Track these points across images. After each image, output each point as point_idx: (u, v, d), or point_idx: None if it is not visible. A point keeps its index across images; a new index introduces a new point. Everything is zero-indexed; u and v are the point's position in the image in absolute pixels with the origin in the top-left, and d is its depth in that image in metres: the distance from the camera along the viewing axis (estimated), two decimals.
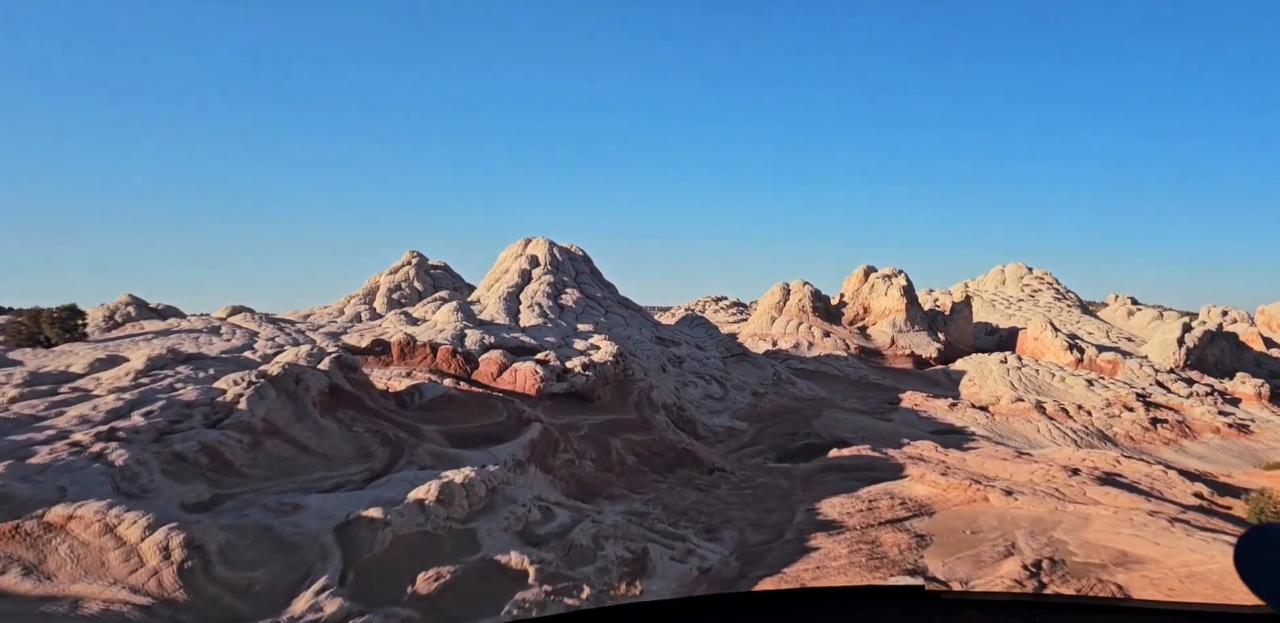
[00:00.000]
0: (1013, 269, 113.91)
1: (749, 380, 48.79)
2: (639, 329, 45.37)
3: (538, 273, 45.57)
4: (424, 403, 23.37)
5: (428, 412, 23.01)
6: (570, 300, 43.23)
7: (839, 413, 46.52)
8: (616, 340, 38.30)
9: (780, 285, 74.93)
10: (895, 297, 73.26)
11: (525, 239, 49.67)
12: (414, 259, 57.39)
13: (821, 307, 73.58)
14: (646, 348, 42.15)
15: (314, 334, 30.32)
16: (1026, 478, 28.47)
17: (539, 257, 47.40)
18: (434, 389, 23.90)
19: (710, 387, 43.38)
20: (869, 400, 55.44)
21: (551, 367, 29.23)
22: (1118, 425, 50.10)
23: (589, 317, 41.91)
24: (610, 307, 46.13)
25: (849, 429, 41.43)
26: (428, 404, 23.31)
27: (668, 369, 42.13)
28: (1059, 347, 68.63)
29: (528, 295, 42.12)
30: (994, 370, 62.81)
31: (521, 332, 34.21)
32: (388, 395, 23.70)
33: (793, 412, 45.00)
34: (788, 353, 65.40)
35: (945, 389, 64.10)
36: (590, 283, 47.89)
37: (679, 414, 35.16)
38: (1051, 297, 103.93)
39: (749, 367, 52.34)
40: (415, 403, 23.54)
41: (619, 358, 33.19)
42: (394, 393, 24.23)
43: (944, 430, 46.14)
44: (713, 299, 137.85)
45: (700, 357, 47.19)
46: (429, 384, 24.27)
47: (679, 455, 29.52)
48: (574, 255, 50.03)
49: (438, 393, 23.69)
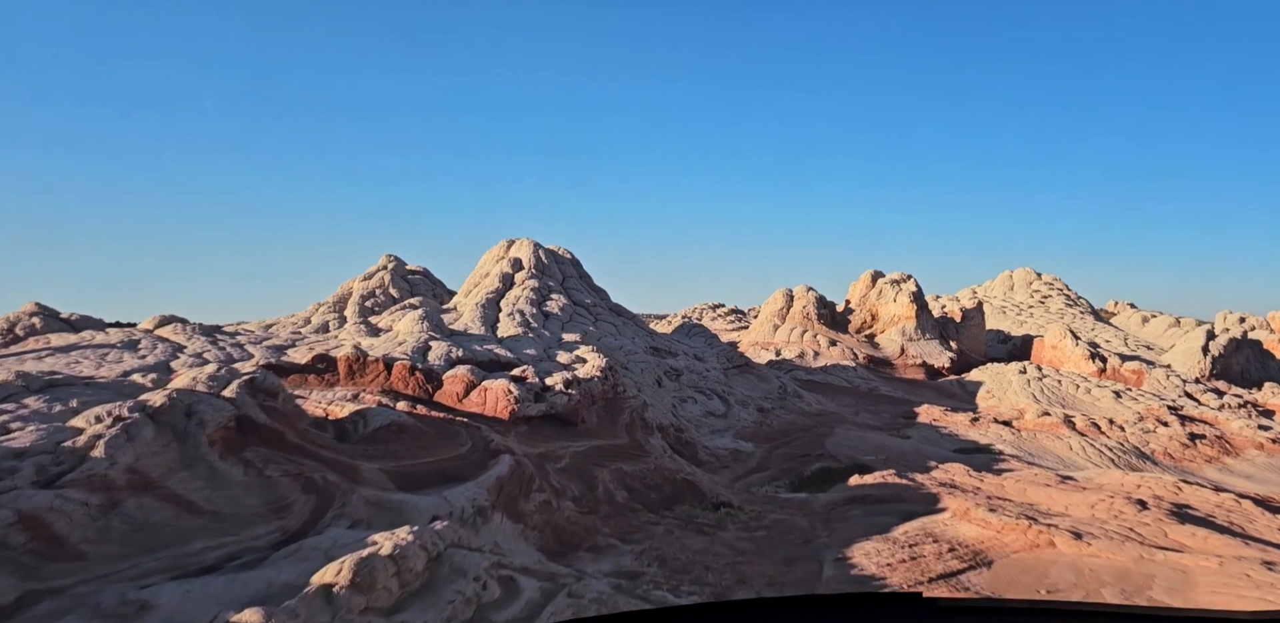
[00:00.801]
0: (1021, 275, 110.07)
1: (753, 395, 44.62)
2: (632, 339, 41.21)
3: (521, 277, 41.42)
4: (368, 434, 19.14)
5: (372, 445, 18.77)
6: (556, 307, 39.07)
7: (852, 430, 42.34)
8: (606, 352, 34.14)
9: (783, 291, 70.86)
10: (904, 303, 69.23)
11: (508, 241, 45.52)
12: (390, 263, 53.22)
13: (827, 314, 69.49)
14: (640, 360, 37.97)
15: (255, 348, 26.10)
16: (1087, 512, 24.30)
17: (523, 260, 43.25)
18: (382, 416, 19.67)
19: (711, 402, 39.20)
20: (882, 415, 51.32)
21: (529, 385, 25.04)
22: (1154, 442, 46.09)
23: (576, 326, 37.73)
24: (600, 314, 41.97)
25: (866, 450, 37.27)
26: (373, 435, 19.08)
27: (664, 383, 37.96)
28: (1080, 356, 64.58)
29: (508, 302, 37.96)
30: (1013, 381, 58.78)
31: (498, 343, 30.02)
32: (325, 425, 19.46)
33: (802, 430, 40.81)
34: (792, 363, 61.25)
35: (961, 402, 60.01)
36: (579, 288, 43.73)
37: (677, 436, 30.94)
38: (1063, 303, 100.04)
39: (752, 379, 48.17)
40: (358, 434, 19.31)
41: (608, 373, 29.02)
42: (335, 420, 19.99)
43: (968, 449, 42.02)
44: (710, 306, 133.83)
45: (700, 369, 43.01)
46: (376, 410, 20.03)
47: (678, 488, 25.31)
48: (561, 259, 45.88)
49: (386, 420, 19.46)
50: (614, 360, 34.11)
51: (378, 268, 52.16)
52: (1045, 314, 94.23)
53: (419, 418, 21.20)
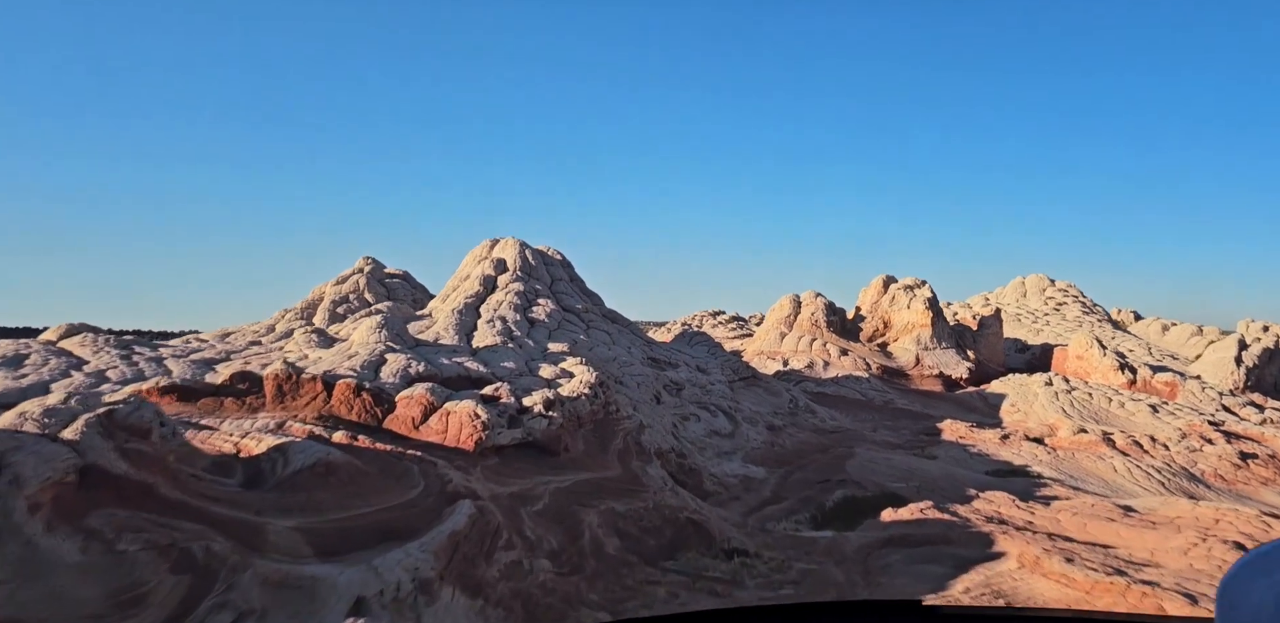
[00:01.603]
0: (1034, 281, 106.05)
1: (762, 410, 40.40)
2: (628, 349, 36.99)
3: (504, 280, 37.23)
4: (287, 477, 14.90)
5: (290, 493, 14.52)
6: (543, 314, 34.88)
7: (873, 451, 38.12)
8: (598, 364, 29.93)
9: (790, 297, 66.71)
10: (919, 310, 65.09)
11: (491, 240, 41.35)
12: (367, 266, 49.00)
13: (836, 321, 65.33)
14: (637, 373, 33.74)
15: (178, 363, 21.89)
16: (1182, 562, 20.03)
17: (507, 261, 39.08)
18: (308, 452, 15.44)
19: (716, 420, 34.96)
20: (902, 431, 47.12)
21: (502, 406, 20.81)
22: (1203, 462, 41.95)
23: (565, 334, 33.52)
24: (593, 321, 37.77)
25: (892, 474, 33.04)
26: (293, 479, 14.84)
27: (663, 399, 33.72)
28: (1109, 366, 60.39)
29: (489, 308, 33.76)
30: (1040, 394, 54.64)
31: (471, 355, 25.81)
32: (232, 466, 15.23)
33: (818, 450, 36.56)
34: (801, 374, 57.05)
35: (983, 415, 55.81)
36: (569, 292, 39.55)
37: (679, 463, 26.70)
38: (1079, 310, 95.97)
39: (760, 393, 43.94)
40: (275, 478, 15.06)
41: (598, 389, 24.80)
42: (247, 459, 15.76)
43: (1002, 471, 37.82)
44: (710, 314, 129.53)
45: (703, 382, 38.78)
46: (302, 444, 15.80)
47: (681, 530, 21.05)
48: (550, 260, 41.71)
49: (312, 458, 15.24)
50: (606, 374, 29.94)
51: (352, 271, 47.94)
52: (1063, 322, 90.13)
53: (359, 452, 16.95)
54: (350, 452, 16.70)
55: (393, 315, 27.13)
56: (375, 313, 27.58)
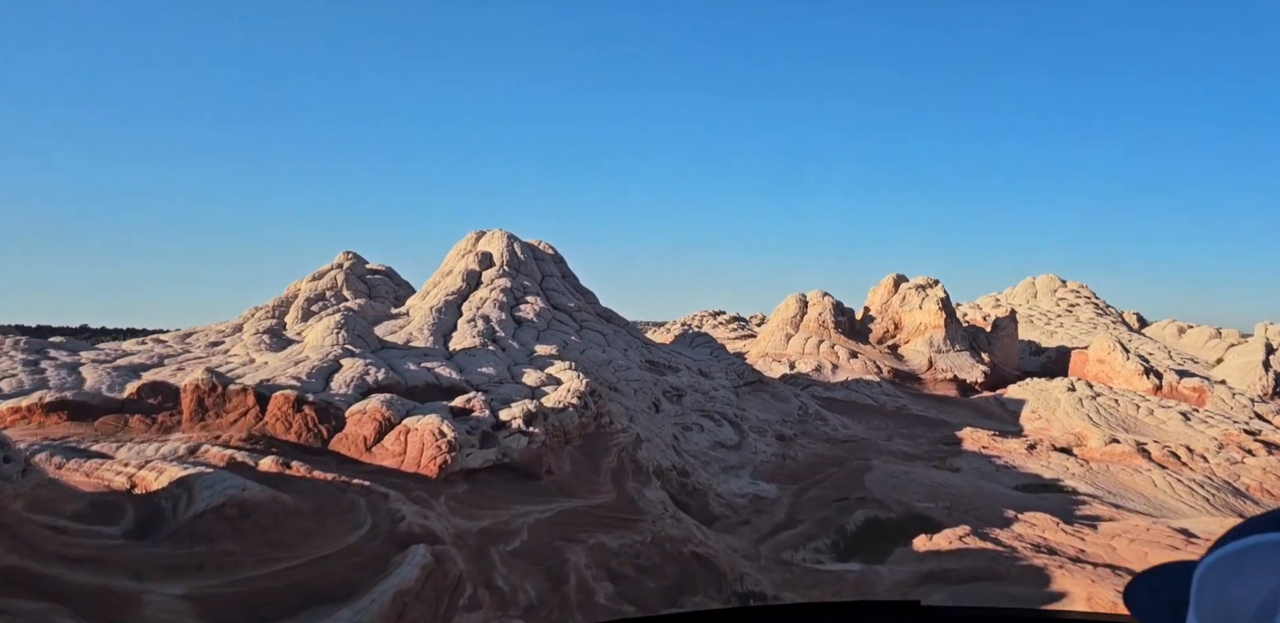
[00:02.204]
0: (1044, 281, 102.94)
1: (769, 418, 37.25)
2: (624, 351, 33.81)
3: (490, 276, 34.06)
4: (187, 523, 11.72)
5: (187, 544, 11.35)
6: (531, 312, 31.71)
7: (892, 464, 35.00)
8: (590, 369, 26.78)
9: (795, 297, 63.55)
10: (932, 311, 61.95)
11: (477, 232, 38.18)
12: (347, 261, 45.79)
13: (845, 322, 62.17)
14: (634, 378, 30.56)
15: (95, 371, 18.71)
16: None
17: (494, 255, 35.91)
18: (216, 488, 12.27)
19: (721, 430, 31.78)
20: (919, 440, 44.03)
21: (474, 421, 17.64)
22: (1246, 475, 38.91)
23: (555, 335, 30.34)
24: (586, 321, 34.59)
25: (917, 490, 29.90)
26: (194, 525, 11.67)
27: (663, 407, 30.54)
28: (1133, 371, 57.27)
29: (471, 306, 30.60)
30: (1062, 400, 51.57)
31: (445, 360, 22.64)
32: (119, 508, 12.08)
33: (833, 463, 33.41)
34: (809, 377, 53.89)
35: (1001, 422, 52.71)
36: (561, 289, 36.38)
37: (680, 483, 23.54)
38: (1092, 312, 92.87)
39: (767, 399, 40.78)
40: (174, 523, 11.90)
41: (588, 399, 21.63)
42: (144, 496, 12.59)
43: (1033, 485, 34.72)
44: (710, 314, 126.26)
45: (706, 387, 35.59)
46: (212, 476, 12.62)
47: (685, 568, 17.88)
48: (541, 254, 38.52)
49: (222, 496, 12.06)
50: (599, 380, 26.79)
51: (330, 267, 44.72)
52: (1076, 324, 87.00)
53: (292, 484, 13.76)
54: (279, 484, 13.52)
55: (357, 314, 23.94)
56: (339, 311, 24.40)
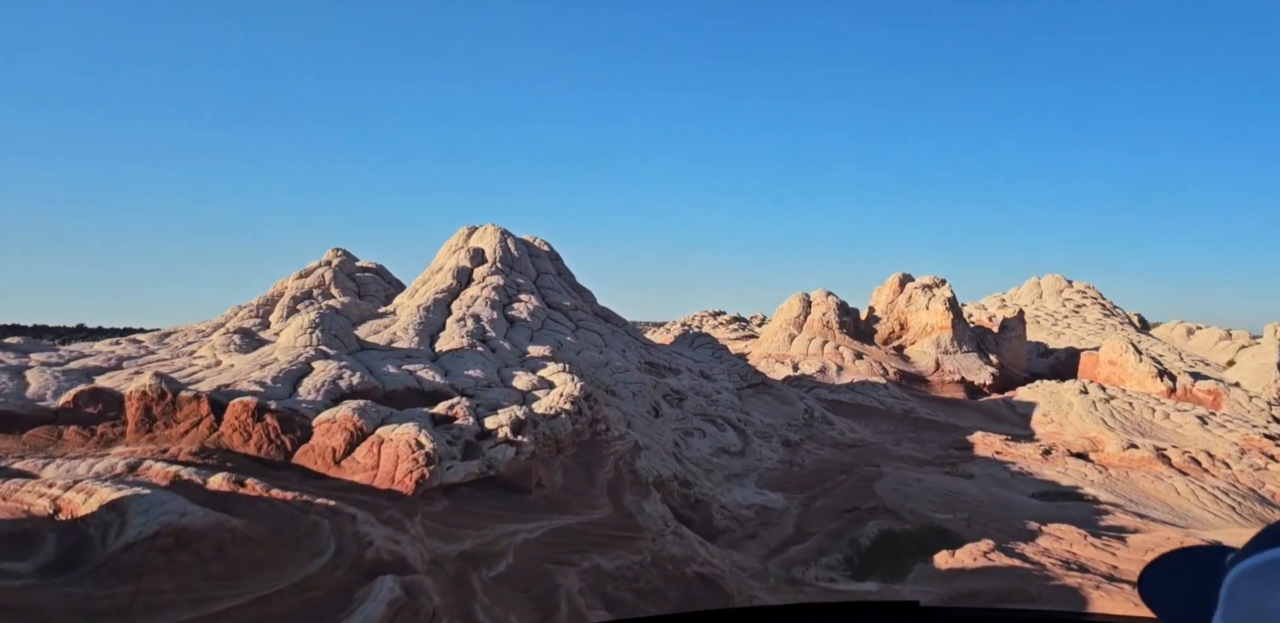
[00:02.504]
0: (1050, 281, 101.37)
1: (774, 422, 35.71)
2: (622, 352, 32.29)
3: (481, 273, 32.52)
4: (114, 555, 10.19)
5: (112, 582, 9.81)
6: (524, 311, 30.18)
7: (903, 470, 33.44)
8: (586, 371, 25.27)
9: (799, 296, 62.01)
10: (939, 311, 60.41)
11: (469, 227, 36.62)
12: (336, 258, 44.25)
13: (850, 322, 60.63)
14: (633, 381, 29.04)
15: (41, 374, 17.13)
16: None
17: (486, 251, 34.36)
18: (151, 513, 10.75)
19: (724, 435, 30.26)
20: (928, 445, 42.49)
21: (456, 430, 16.11)
22: (1271, 482, 37.37)
23: (549, 335, 28.81)
24: (583, 320, 33.05)
25: (930, 499, 28.35)
26: (121, 558, 10.13)
27: (663, 411, 29.02)
28: (1146, 373, 55.71)
29: (461, 305, 29.07)
30: (1075, 404, 50.06)
31: (429, 362, 21.11)
32: (34, 539, 10.57)
33: (841, 469, 31.85)
34: (813, 379, 52.34)
35: (1012, 426, 51.17)
36: (556, 287, 34.83)
37: (683, 494, 22.02)
38: (1099, 313, 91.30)
39: (772, 402, 39.25)
40: (102, 554, 10.35)
41: (583, 404, 20.10)
42: (70, 523, 11.06)
43: (1051, 493, 33.15)
44: (710, 314, 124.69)
45: (708, 390, 34.06)
46: (148, 498, 11.11)
47: (689, 591, 16.34)
48: (536, 251, 36.98)
49: (155, 523, 10.53)
50: (596, 382, 25.26)
51: (318, 264, 43.18)
52: (1084, 325, 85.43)
53: (246, 505, 12.23)
54: (230, 505, 11.97)
55: (339, 312, 22.42)
56: (315, 308, 22.86)
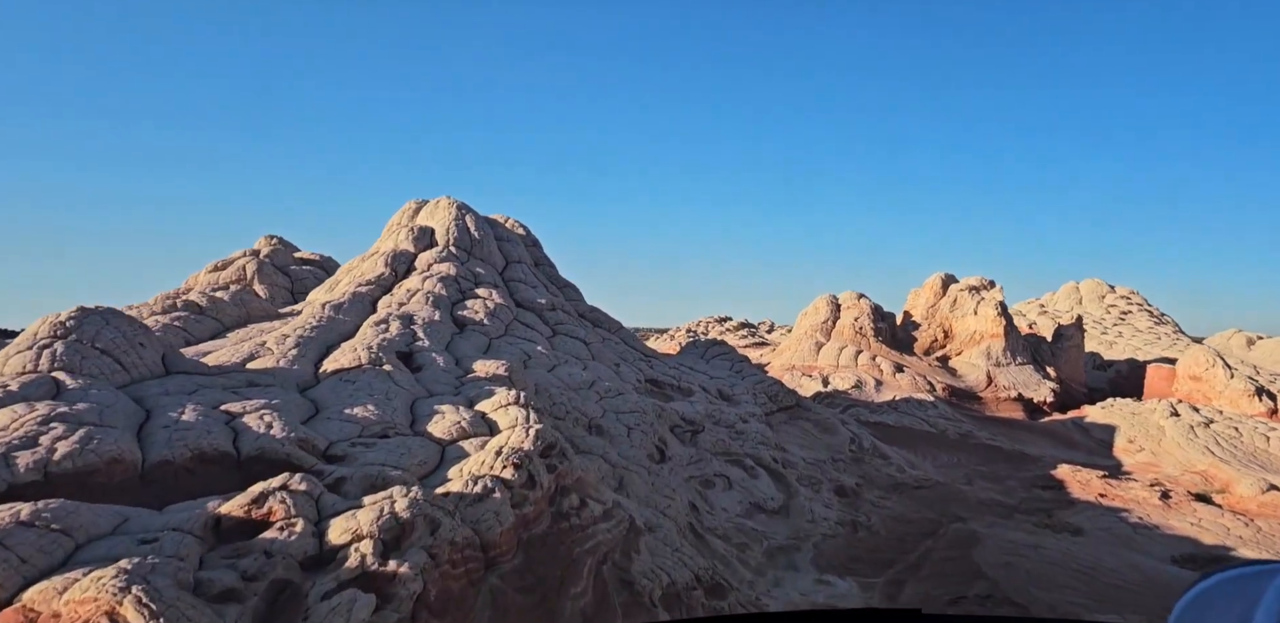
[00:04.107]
0: (1090, 286, 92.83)
1: (818, 458, 27.20)
2: (615, 367, 23.80)
3: (427, 260, 24.12)
4: None
5: None
6: (481, 311, 21.73)
7: (997, 525, 24.95)
8: (558, 399, 16.83)
9: (826, 299, 53.48)
10: (989, 317, 51.86)
11: (416, 201, 28.18)
12: (268, 247, 35.75)
13: (886, 329, 52.11)
14: (628, 409, 20.49)
15: None
16: None
17: (436, 231, 25.96)
18: None
19: (758, 483, 21.75)
20: (1005, 481, 33.99)
21: (257, 556, 7.51)
22: None
23: (513, 345, 20.34)
24: (563, 323, 24.56)
25: (1057, 577, 19.75)
26: None
27: (671, 452, 20.47)
28: (1240, 391, 47.01)
29: (392, 302, 20.66)
30: (1167, 428, 41.62)
31: (290, 394, 12.63)
32: None
33: (923, 531, 23.27)
34: (848, 396, 43.80)
35: (1090, 453, 42.64)
36: (531, 280, 26.37)
37: (711, 609, 13.41)
38: (1148, 320, 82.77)
39: (809, 430, 30.71)
40: None
41: (537, 469, 11.53)
42: None
43: (1199, 558, 24.57)
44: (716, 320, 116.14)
45: (730, 417, 25.49)
46: None
47: None
48: (506, 234, 28.51)
49: None
50: (572, 415, 16.82)
51: (239, 254, 34.69)
52: (1137, 333, 76.89)
53: None
54: None
55: (113, 313, 13.92)
56: (77, 313, 14.37)
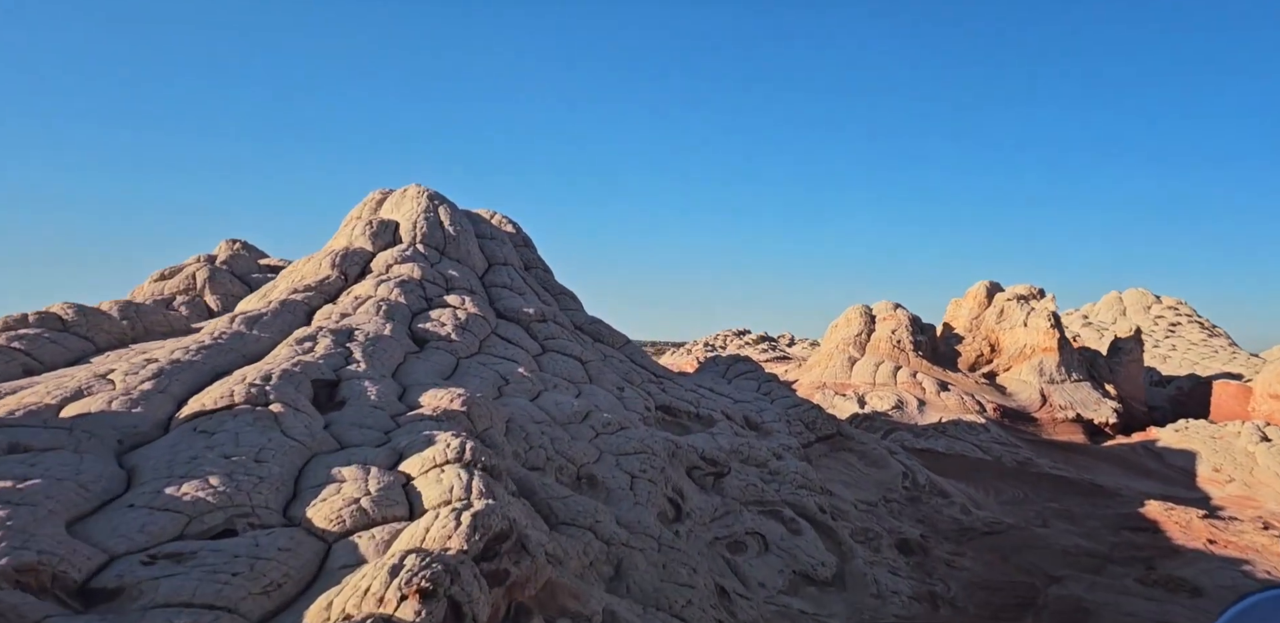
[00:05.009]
0: (1133, 296, 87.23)
1: (867, 498, 22.40)
2: (618, 391, 19.15)
3: (387, 259, 19.69)
4: None
5: None
6: (449, 324, 17.23)
7: (1097, 585, 20.06)
8: (534, 438, 12.13)
9: (859, 310, 48.62)
10: (1041, 329, 46.79)
11: (381, 191, 23.80)
12: (229, 252, 31.57)
13: (926, 343, 47.15)
14: (632, 448, 15.84)
15: None
16: None
17: (402, 226, 21.54)
18: None
19: (801, 541, 17.02)
20: (1085, 522, 28.92)
21: None
22: None
23: (486, 367, 15.79)
24: (554, 338, 19.94)
25: None
26: None
27: (688, 505, 15.82)
28: None
29: (333, 313, 16.23)
30: (1258, 455, 36.41)
31: (107, 459, 7.93)
32: None
33: (1017, 598, 18.34)
34: (889, 418, 38.88)
35: (1168, 483, 37.37)
36: (518, 286, 21.82)
37: None
38: (1200, 333, 77.10)
39: (854, 463, 25.90)
40: None
41: (465, 585, 6.68)
42: None
43: None
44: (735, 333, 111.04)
45: (761, 453, 20.69)
46: None
47: None
48: (491, 231, 24.03)
49: None
50: (554, 462, 12.22)
51: (194, 261, 30.49)
52: (1192, 347, 71.30)
53: None
54: None
55: None
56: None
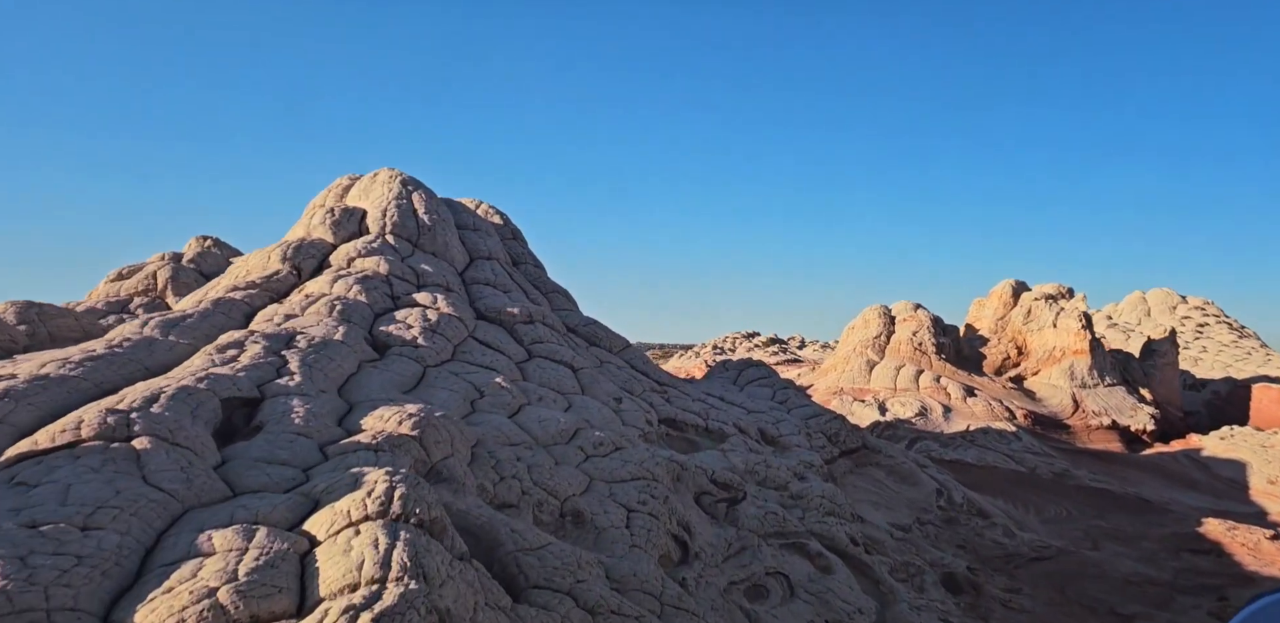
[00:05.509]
0: (1158, 296, 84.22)
1: (901, 521, 19.79)
2: (615, 403, 16.53)
3: (348, 253, 17.17)
4: None
5: None
6: (415, 328, 14.66)
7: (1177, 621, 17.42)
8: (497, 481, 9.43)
9: (877, 311, 45.92)
10: (1072, 330, 44.02)
11: (350, 176, 21.30)
12: (198, 250, 29.15)
13: (949, 345, 44.41)
14: (630, 473, 13.21)
15: None
16: None
17: (368, 215, 19.01)
18: None
19: (833, 583, 14.33)
20: (1138, 544, 26.17)
21: None
22: None
23: (452, 379, 13.18)
24: (541, 342, 17.36)
25: None
26: None
27: (696, 547, 13.13)
28: None
29: (274, 315, 13.66)
30: None
31: None
32: None
33: None
34: (912, 426, 36.20)
35: (1213, 494, 34.61)
36: (504, 283, 19.26)
37: None
38: (1230, 334, 74.13)
39: (883, 478, 23.27)
40: None
41: None
42: None
43: None
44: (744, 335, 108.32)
45: (781, 474, 18.10)
46: None
47: None
48: (475, 222, 21.47)
49: None
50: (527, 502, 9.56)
51: (157, 259, 28.12)
52: (1223, 349, 68.31)
53: None
54: None
55: None
56: None
